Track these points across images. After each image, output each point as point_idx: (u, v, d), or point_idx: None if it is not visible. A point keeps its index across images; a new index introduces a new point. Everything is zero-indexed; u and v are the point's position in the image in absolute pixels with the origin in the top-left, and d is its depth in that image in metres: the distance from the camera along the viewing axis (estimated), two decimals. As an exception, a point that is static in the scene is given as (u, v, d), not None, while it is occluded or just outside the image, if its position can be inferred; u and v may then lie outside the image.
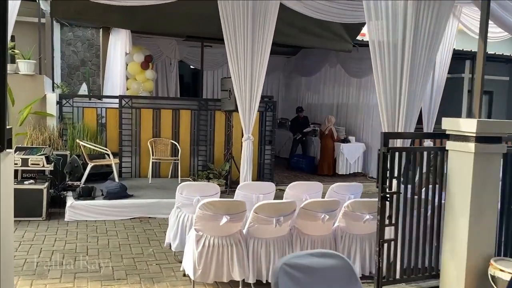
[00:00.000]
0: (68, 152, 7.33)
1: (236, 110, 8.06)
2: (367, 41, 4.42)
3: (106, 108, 8.18)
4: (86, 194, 6.04)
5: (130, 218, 6.00)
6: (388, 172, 3.45)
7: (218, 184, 8.05)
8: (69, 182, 6.98)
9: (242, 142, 8.66)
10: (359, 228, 4.32)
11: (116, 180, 6.66)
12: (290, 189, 4.98)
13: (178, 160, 7.80)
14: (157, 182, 7.60)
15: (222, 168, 8.24)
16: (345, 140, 10.32)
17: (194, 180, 8.08)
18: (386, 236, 3.55)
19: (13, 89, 7.28)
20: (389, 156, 3.37)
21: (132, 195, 6.37)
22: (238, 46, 7.57)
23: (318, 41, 8.98)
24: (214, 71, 12.38)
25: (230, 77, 8.17)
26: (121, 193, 6.18)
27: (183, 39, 10.94)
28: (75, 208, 5.80)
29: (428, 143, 6.73)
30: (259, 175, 8.76)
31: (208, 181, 8.10)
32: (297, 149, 11.26)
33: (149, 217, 6.10)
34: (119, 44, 8.42)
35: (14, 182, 5.66)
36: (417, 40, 4.11)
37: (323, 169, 10.30)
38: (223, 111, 8.39)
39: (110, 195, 6.07)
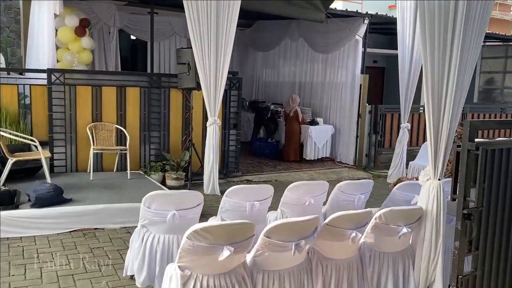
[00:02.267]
0: (-21, 143, 5.60)
1: (197, 87, 6.72)
2: (341, 11, 3.29)
3: (30, 85, 6.45)
4: (7, 201, 4.47)
5: (70, 231, 4.55)
6: (472, 178, 2.38)
7: (177, 178, 6.80)
8: (-18, 182, 5.31)
9: (204, 127, 7.32)
10: (391, 245, 3.28)
11: (48, 179, 5.10)
12: (290, 191, 3.81)
13: (126, 149, 6.33)
14: (100, 178, 6.10)
15: (181, 158, 6.89)
16: (313, 122, 9.32)
17: (145, 173, 6.68)
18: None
19: None
20: (480, 156, 2.29)
21: (70, 199, 4.88)
22: (200, 10, 6.17)
23: (288, 8, 7.77)
24: (160, 42, 10.76)
25: (189, 48, 6.81)
26: (55, 198, 4.68)
27: (123, 3, 9.24)
28: (-10, 222, 4.24)
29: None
30: (223, 164, 7.52)
31: (164, 174, 6.78)
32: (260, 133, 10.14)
33: (95, 228, 4.68)
34: (45, 4, 6.62)
35: None
36: (471, 6, 3.05)
37: (289, 154, 9.27)
38: (180, 89, 6.98)
39: (41, 202, 4.55)
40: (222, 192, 6.59)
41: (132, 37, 11.48)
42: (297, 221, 2.74)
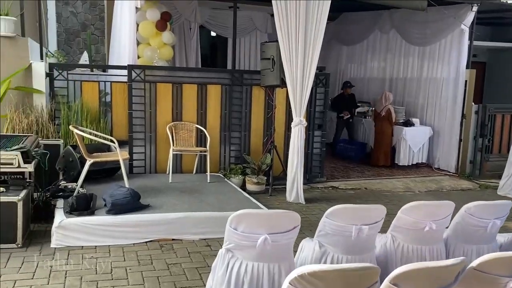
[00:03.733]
0: (61, 142, 5.48)
1: (281, 85, 6.13)
2: None
3: (111, 82, 6.26)
4: (82, 206, 4.18)
5: (146, 242, 4.16)
6: None
7: (258, 182, 6.26)
8: (62, 182, 5.15)
9: (287, 127, 6.67)
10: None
11: (126, 183, 4.79)
12: (406, 213, 3.06)
13: (206, 151, 5.90)
14: (179, 180, 5.73)
15: (262, 161, 6.33)
16: (407, 123, 8.31)
17: (225, 176, 6.22)
18: None
19: (-15, 56, 5.39)
20: None
21: (148, 205, 4.51)
22: (289, 5, 5.57)
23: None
24: (240, 38, 10.32)
25: (274, 41, 6.25)
26: (131, 204, 4.32)
27: (205, -2, 8.91)
28: (66, 229, 3.96)
29: None
30: (306, 169, 6.84)
31: (244, 177, 6.28)
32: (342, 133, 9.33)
33: (173, 239, 4.25)
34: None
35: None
36: None
37: (378, 158, 8.36)
38: (262, 87, 6.43)
39: (117, 208, 4.21)
40: (307, 200, 6.08)
41: (212, 34, 11.21)
42: (438, 266, 2.00)
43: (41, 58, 6.12)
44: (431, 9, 7.89)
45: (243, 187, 6.15)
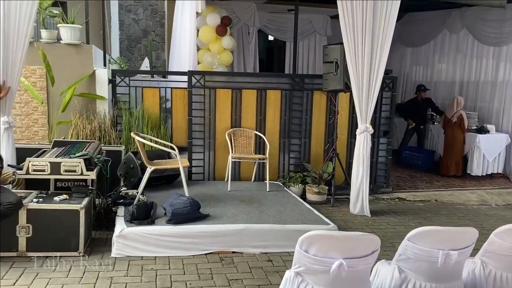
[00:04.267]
0: (122, 148, 5.49)
1: (345, 89, 5.80)
2: None
3: (171, 88, 6.24)
4: (143, 215, 4.11)
5: (206, 254, 4.00)
6: None
7: (319, 192, 5.96)
8: (123, 188, 5.14)
9: (350, 134, 6.21)
10: None
11: (186, 192, 4.68)
12: (501, 237, 2.66)
13: (265, 159, 5.70)
14: (238, 189, 5.57)
15: (324, 169, 6.03)
16: (481, 130, 7.66)
17: (284, 184, 5.98)
18: None
19: (53, 64, 5.55)
20: None
21: (208, 215, 4.36)
22: (355, 7, 5.27)
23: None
24: (299, 42, 10.05)
25: (337, 43, 5.95)
26: (192, 214, 4.20)
27: (264, 1, 8.74)
28: (126, 238, 3.89)
29: None
30: (371, 179, 6.43)
31: (304, 186, 6.01)
32: (411, 140, 8.80)
33: (233, 252, 4.06)
34: (188, 4, 6.36)
35: (41, 198, 3.84)
36: None
37: (448, 168, 7.77)
38: (324, 91, 6.14)
39: (177, 218, 4.09)
40: (372, 213, 5.69)
41: (270, 38, 11.06)
42: None
43: (104, 64, 6.21)
44: (509, 6, 7.25)
45: (302, 196, 5.89)
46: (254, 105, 6.13)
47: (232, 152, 5.68)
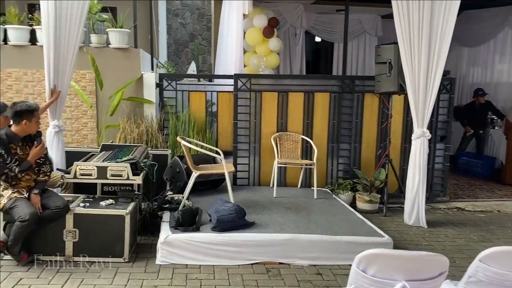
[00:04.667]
0: (168, 152, 5.45)
1: (399, 91, 5.47)
2: None
3: (217, 92, 6.15)
4: (188, 221, 4.01)
5: (251, 264, 3.84)
6: None
7: (370, 200, 5.66)
8: (168, 193, 5.09)
9: (404, 139, 5.78)
10: None
11: (231, 198, 4.54)
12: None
13: (313, 164, 5.47)
14: (284, 195, 5.38)
15: (375, 176, 5.71)
16: (550, 135, 7.03)
17: (332, 191, 5.72)
18: None
19: (102, 68, 5.60)
20: None
21: (253, 223, 4.20)
22: (411, 6, 4.96)
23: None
24: (347, 43, 9.73)
25: (391, 43, 5.64)
26: (237, 221, 4.05)
27: (311, 2, 8.52)
28: (171, 245, 3.80)
29: None
30: (426, 187, 6.04)
31: (354, 194, 5.73)
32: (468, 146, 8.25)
33: (280, 263, 3.87)
34: (235, 6, 6.26)
35: (87, 202, 3.83)
36: None
37: (511, 176, 7.18)
38: (376, 94, 5.83)
39: (222, 225, 3.96)
40: (429, 224, 5.31)
41: (317, 39, 10.81)
42: None
43: (152, 69, 6.23)
44: None
45: (352, 204, 5.61)
46: (301, 108, 5.93)
47: (278, 157, 5.50)
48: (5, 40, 5.80)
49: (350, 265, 3.77)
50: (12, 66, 5.78)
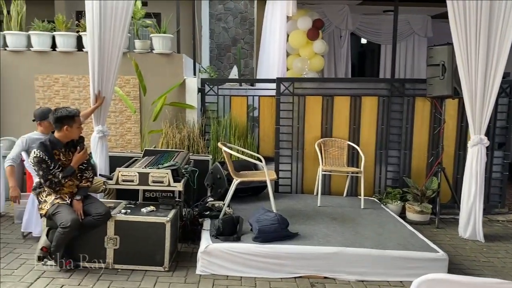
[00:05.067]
0: (210, 157, 5.36)
1: (454, 95, 5.12)
2: None
3: (259, 96, 6.02)
4: (228, 230, 3.88)
5: (295, 277, 3.65)
6: None
7: (421, 211, 5.32)
8: (209, 199, 4.99)
9: (458, 146, 5.48)
10: None
11: (273, 207, 4.37)
12: None
13: (360, 172, 5.20)
14: (329, 204, 5.15)
15: (427, 186, 5.37)
16: None
17: (380, 201, 5.43)
18: None
19: (145, 73, 5.60)
20: None
21: (297, 233, 4.01)
22: (468, 6, 4.62)
23: None
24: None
25: (445, 44, 5.30)
26: (279, 232, 3.87)
27: (357, 3, 8.24)
28: (212, 255, 3.68)
29: None
30: (484, 197, 5.62)
31: (404, 204, 5.40)
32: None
33: (325, 277, 3.66)
34: (278, 8, 6.11)
35: (129, 208, 3.78)
36: None
37: None
38: (428, 98, 5.50)
39: (264, 235, 3.80)
40: (486, 237, 4.90)
41: (362, 41, 10.48)
42: None
43: (194, 73, 6.19)
44: None
45: (401, 214, 5.29)
46: (347, 113, 5.68)
47: (322, 164, 5.29)
48: (54, 46, 5.94)
49: (401, 281, 3.52)
50: (60, 72, 5.90)
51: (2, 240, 4.25)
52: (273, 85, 5.73)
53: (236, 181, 4.40)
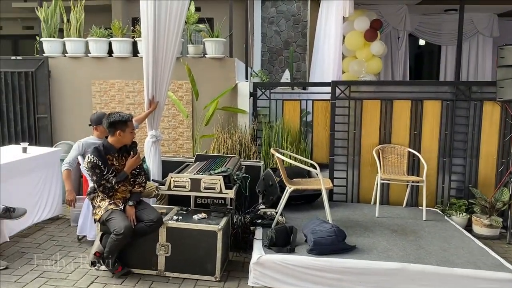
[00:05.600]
0: (261, 163, 5.22)
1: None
2: None
3: (313, 100, 5.82)
4: (282, 241, 3.71)
5: (353, 294, 3.41)
6: None
7: (490, 225, 4.88)
8: (261, 206, 4.84)
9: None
10: None
11: (328, 217, 4.15)
12: None
13: (422, 181, 4.85)
14: (387, 215, 4.85)
15: (497, 197, 4.92)
16: None
17: (443, 212, 5.05)
18: None
19: (198, 78, 5.58)
20: None
21: (354, 246, 3.77)
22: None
23: None
24: (455, 47, 8.82)
25: (520, 44, 4.84)
26: (336, 245, 3.65)
27: (416, 2, 7.82)
28: (264, 266, 3.53)
29: None
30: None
31: (470, 216, 4.99)
32: None
33: (386, 296, 3.39)
34: (334, 9, 5.89)
35: (180, 215, 3.72)
36: None
37: None
38: (498, 102, 5.06)
39: (319, 248, 3.60)
40: None
41: (420, 42, 9.98)
42: None
43: (246, 78, 6.09)
44: None
45: (467, 227, 4.89)
46: (407, 118, 5.34)
47: (380, 172, 4.99)
48: (110, 52, 6.06)
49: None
50: (115, 78, 6.01)
51: (58, 243, 4.33)
52: (328, 89, 5.51)
53: (289, 189, 4.22)
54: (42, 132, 6.04)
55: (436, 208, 5.21)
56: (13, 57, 5.99)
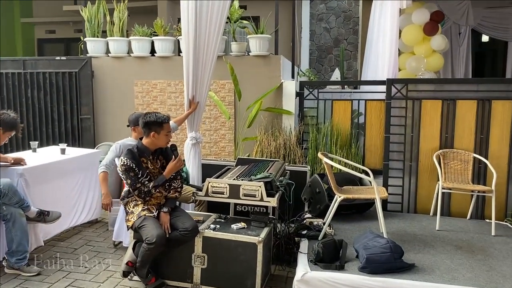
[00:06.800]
0: (307, 168, 4.84)
1: None
2: None
3: (365, 100, 5.36)
4: (330, 256, 3.31)
5: (412, 320, 2.96)
6: None
7: None
8: (306, 215, 4.46)
9: None
10: None
11: (383, 231, 3.70)
12: None
13: (491, 191, 4.27)
14: (449, 228, 4.31)
15: None
16: None
17: (514, 225, 4.43)
18: None
19: (241, 77, 5.29)
20: None
21: (413, 264, 3.30)
22: None
23: None
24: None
25: None
26: (392, 263, 3.21)
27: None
28: (309, 284, 3.15)
29: None
30: None
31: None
32: None
33: (451, 325, 2.91)
34: (389, 2, 5.40)
35: (218, 224, 3.42)
36: None
37: None
38: None
39: (373, 266, 3.17)
40: None
41: (483, 38, 9.20)
42: None
43: (292, 76, 5.74)
44: None
45: (544, 245, 4.24)
46: (473, 120, 4.77)
47: (442, 180, 4.45)
48: (153, 52, 5.92)
49: None
50: (157, 78, 5.85)
51: (94, 248, 4.17)
52: (382, 88, 5.03)
53: (339, 198, 3.81)
54: (85, 133, 6.00)
55: (506, 222, 4.60)
56: (57, 58, 5.99)
